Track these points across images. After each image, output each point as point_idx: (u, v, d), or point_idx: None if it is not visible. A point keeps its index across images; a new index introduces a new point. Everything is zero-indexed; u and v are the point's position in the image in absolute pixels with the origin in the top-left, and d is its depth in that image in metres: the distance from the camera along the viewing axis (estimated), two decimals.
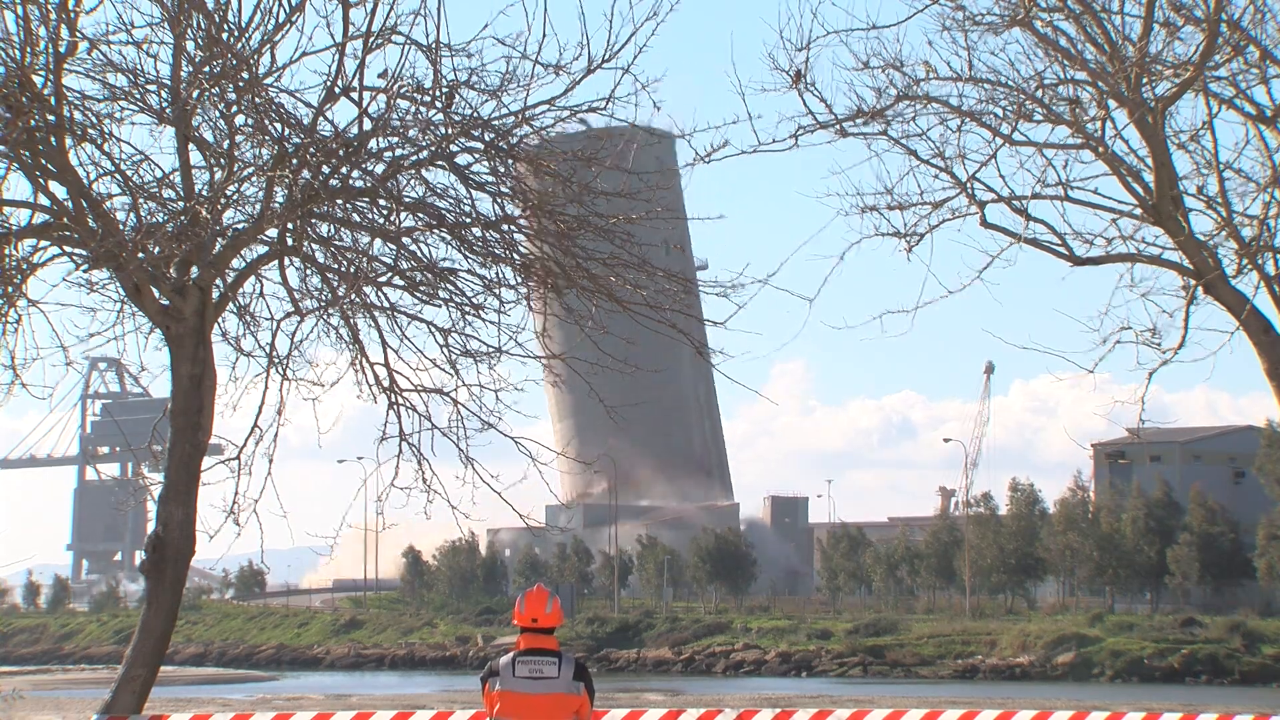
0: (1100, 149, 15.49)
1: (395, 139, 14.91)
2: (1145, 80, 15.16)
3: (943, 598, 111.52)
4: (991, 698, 58.92)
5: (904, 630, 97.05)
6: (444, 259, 15.55)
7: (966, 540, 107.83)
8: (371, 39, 14.45)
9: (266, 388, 15.92)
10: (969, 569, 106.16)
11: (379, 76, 14.54)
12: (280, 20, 14.64)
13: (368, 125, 14.70)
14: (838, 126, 15.53)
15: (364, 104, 14.64)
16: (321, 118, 14.81)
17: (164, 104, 14.72)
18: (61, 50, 14.01)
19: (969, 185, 15.80)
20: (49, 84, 14.08)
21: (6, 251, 14.88)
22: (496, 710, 11.43)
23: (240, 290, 15.83)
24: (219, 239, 15.04)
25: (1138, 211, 15.56)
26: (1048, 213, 15.90)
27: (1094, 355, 15.87)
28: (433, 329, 15.94)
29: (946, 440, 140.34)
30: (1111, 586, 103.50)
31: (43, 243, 15.14)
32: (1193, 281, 15.51)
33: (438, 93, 14.57)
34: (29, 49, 13.77)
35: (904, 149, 15.75)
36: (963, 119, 15.67)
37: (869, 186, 15.89)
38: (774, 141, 15.23)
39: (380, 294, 15.87)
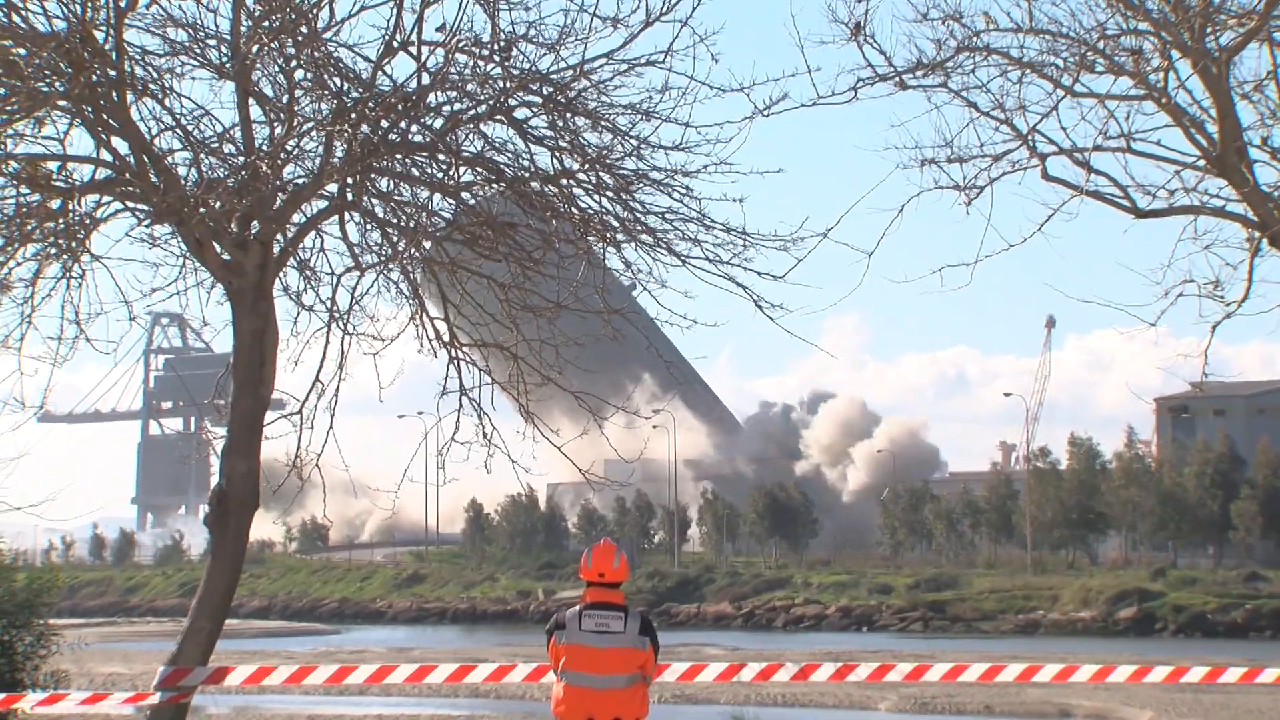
0: (1163, 100, 15.34)
1: (454, 93, 14.91)
2: (1209, 30, 15.00)
3: (1003, 553, 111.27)
4: (1053, 652, 58.83)
5: (965, 585, 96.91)
6: (503, 213, 15.56)
7: (1027, 495, 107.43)
8: None
9: (327, 342, 16.01)
10: (1030, 524, 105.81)
11: (437, 30, 14.54)
12: None
13: (426, 79, 14.70)
14: (897, 79, 15.43)
15: (422, 58, 14.65)
16: (380, 72, 14.83)
17: (224, 59, 14.77)
18: (122, 5, 14.06)
19: (1030, 137, 15.68)
20: (110, 39, 14.14)
21: (70, 207, 14.98)
22: (562, 663, 11.47)
23: (301, 245, 15.90)
24: (279, 194, 15.10)
25: (1201, 163, 15.41)
26: (1110, 165, 15.78)
27: (1155, 309, 15.76)
28: (492, 283, 15.98)
29: (1007, 395, 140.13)
30: (1174, 541, 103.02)
31: (105, 198, 15.24)
32: (1257, 234, 15.37)
33: (496, 46, 14.56)
34: (90, 4, 13.83)
35: (964, 101, 15.64)
36: (1023, 70, 15.54)
37: (928, 139, 15.81)
38: (833, 94, 15.14)
39: (439, 249, 15.92)
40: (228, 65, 14.73)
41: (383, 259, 15.95)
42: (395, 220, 15.67)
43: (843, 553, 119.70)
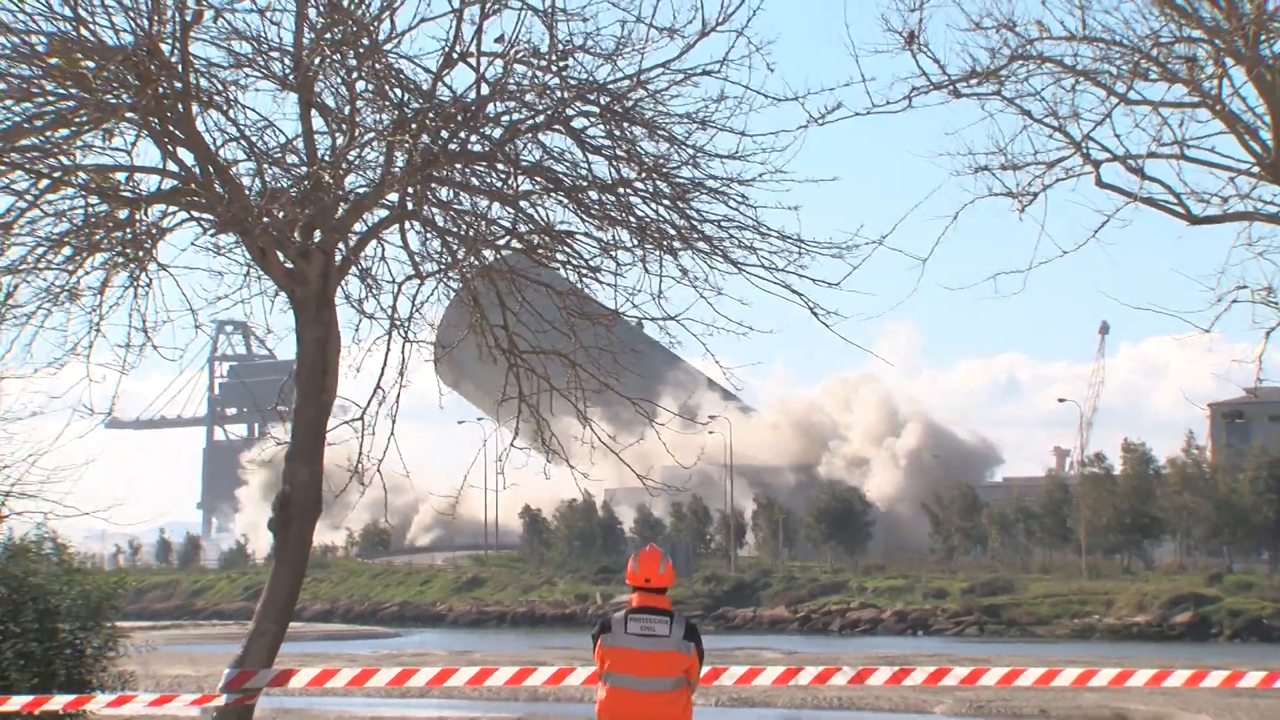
0: (1217, 107, 15.24)
1: (512, 103, 14.96)
2: (1263, 37, 14.90)
3: (1057, 557, 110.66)
4: (1109, 657, 58.43)
5: (1020, 590, 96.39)
6: (561, 222, 15.61)
7: (1082, 500, 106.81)
8: (488, 4, 14.50)
9: (388, 349, 16.08)
10: (1085, 528, 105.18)
11: (495, 41, 14.59)
12: None
13: (485, 90, 14.75)
14: (951, 87, 15.40)
15: (481, 69, 14.69)
16: (440, 83, 14.89)
17: (287, 71, 14.85)
18: (188, 19, 14.16)
19: (1084, 145, 15.62)
20: (176, 52, 14.24)
21: (137, 217, 15.10)
22: (606, 666, 11.48)
23: (362, 254, 15.98)
24: (341, 203, 15.18)
25: (1255, 170, 15.31)
26: (1164, 172, 15.71)
27: (1209, 315, 15.67)
28: (550, 291, 16.01)
29: (1061, 400, 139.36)
30: (1229, 546, 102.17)
31: (171, 208, 15.35)
32: None
33: (553, 57, 14.59)
34: (156, 18, 13.94)
35: (1017, 109, 15.60)
36: (1077, 78, 15.48)
37: (982, 147, 15.79)
38: (887, 103, 15.13)
39: (499, 257, 15.96)
40: (291, 77, 14.81)
41: (443, 267, 16.00)
42: (455, 229, 15.73)
43: (897, 557, 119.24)
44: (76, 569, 24.41)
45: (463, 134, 15.01)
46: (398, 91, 14.91)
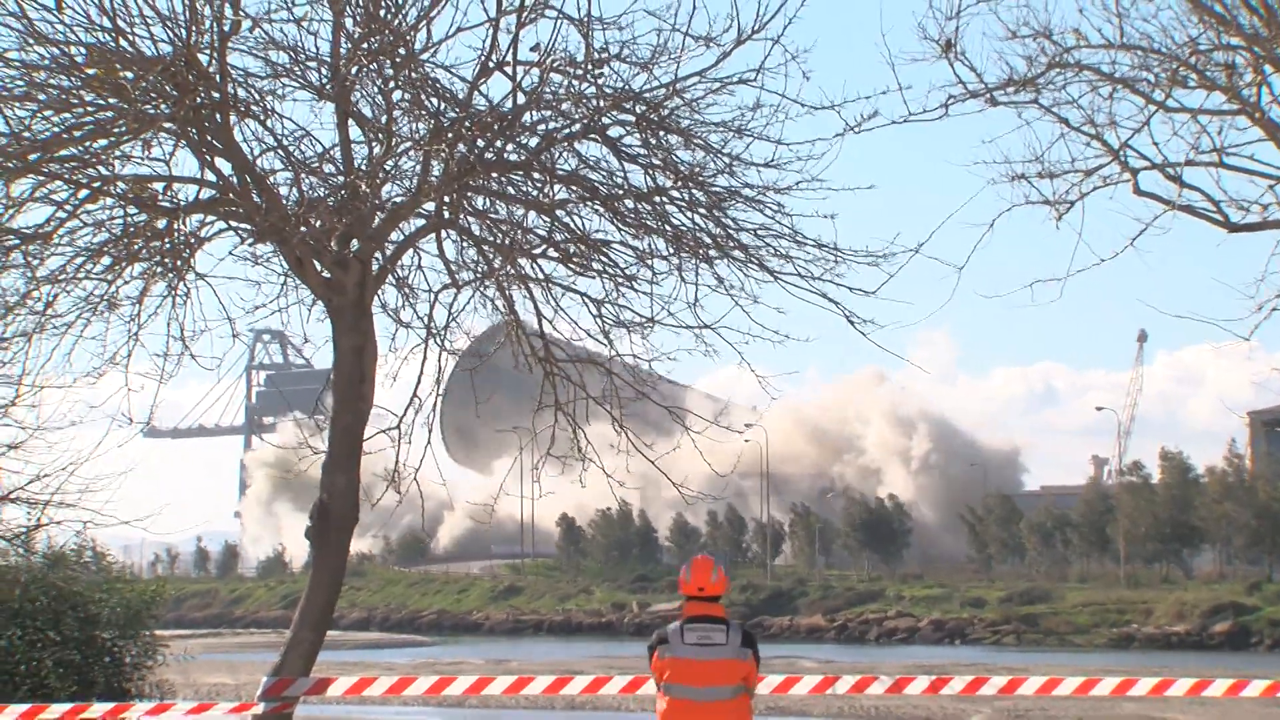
0: (1256, 114, 15.16)
1: (548, 112, 14.95)
2: None
3: (1096, 566, 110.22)
4: (1148, 666, 58.14)
5: (1058, 599, 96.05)
6: (597, 230, 15.60)
7: (1121, 508, 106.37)
8: (524, 13, 14.50)
9: (425, 358, 16.10)
10: (1123, 537, 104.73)
11: (531, 50, 14.58)
12: None
13: (521, 99, 14.76)
14: (988, 95, 15.35)
15: (518, 78, 14.69)
16: (476, 92, 14.90)
17: (324, 80, 14.88)
18: (225, 29, 14.20)
19: (1121, 152, 15.55)
20: (214, 62, 14.29)
21: (175, 227, 15.15)
22: (665, 677, 11.46)
23: (399, 263, 16.00)
24: (378, 212, 15.20)
25: None
26: (1202, 179, 15.62)
27: (1248, 323, 15.56)
28: (586, 300, 16.01)
29: (1099, 409, 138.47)
30: (1269, 555, 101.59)
31: (209, 218, 15.40)
32: None
33: (589, 66, 14.59)
34: (194, 28, 13.99)
35: (1055, 117, 15.53)
36: (1115, 86, 15.41)
37: (1019, 155, 15.71)
38: (924, 111, 15.08)
39: (535, 265, 15.96)
40: (328, 87, 14.85)
41: (479, 276, 16.02)
42: (491, 238, 15.74)
43: (934, 566, 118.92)
44: (116, 577, 24.54)
45: (499, 143, 15.02)
46: (434, 101, 14.93)
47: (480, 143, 14.84)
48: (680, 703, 11.36)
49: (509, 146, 15.12)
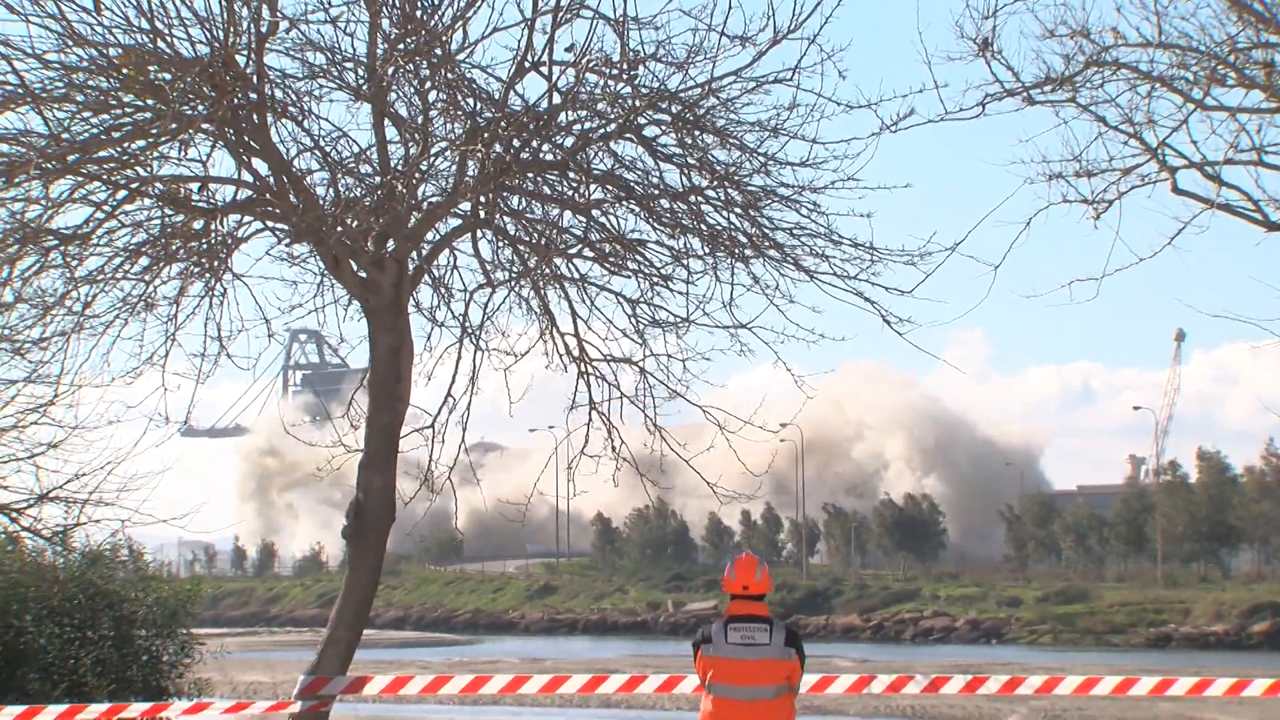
0: None
1: (584, 112, 14.96)
2: None
3: (1133, 566, 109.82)
4: (1186, 666, 57.91)
5: (1095, 598, 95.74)
6: (632, 230, 15.60)
7: (1159, 508, 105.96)
8: (560, 13, 14.51)
9: (459, 357, 16.12)
10: (1161, 537, 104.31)
11: (566, 50, 14.59)
12: None
13: (557, 99, 14.77)
14: (1025, 94, 15.29)
15: (553, 78, 14.71)
16: (512, 92, 14.91)
17: (360, 81, 14.92)
18: (263, 30, 14.24)
19: (1159, 151, 15.48)
20: (251, 63, 14.33)
21: (213, 227, 15.21)
22: (710, 677, 11.47)
23: (435, 263, 16.03)
24: (414, 213, 15.23)
25: None
26: (1241, 178, 15.54)
27: None
28: (621, 299, 16.01)
29: (1137, 408, 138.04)
30: None
31: (246, 218, 15.45)
32: None
33: (625, 66, 14.59)
34: (232, 29, 14.04)
35: (1092, 115, 15.47)
36: (1153, 84, 15.34)
37: (1056, 154, 15.65)
38: (960, 110, 15.03)
39: (570, 265, 15.97)
40: (364, 87, 14.89)
41: (514, 275, 16.04)
42: (527, 237, 15.76)
43: (970, 565, 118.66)
44: (151, 576, 24.64)
45: (535, 143, 15.03)
46: (470, 101, 14.95)
47: (516, 143, 14.86)
48: (724, 701, 11.38)
49: (544, 146, 15.13)
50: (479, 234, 15.88)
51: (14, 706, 16.08)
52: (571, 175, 15.20)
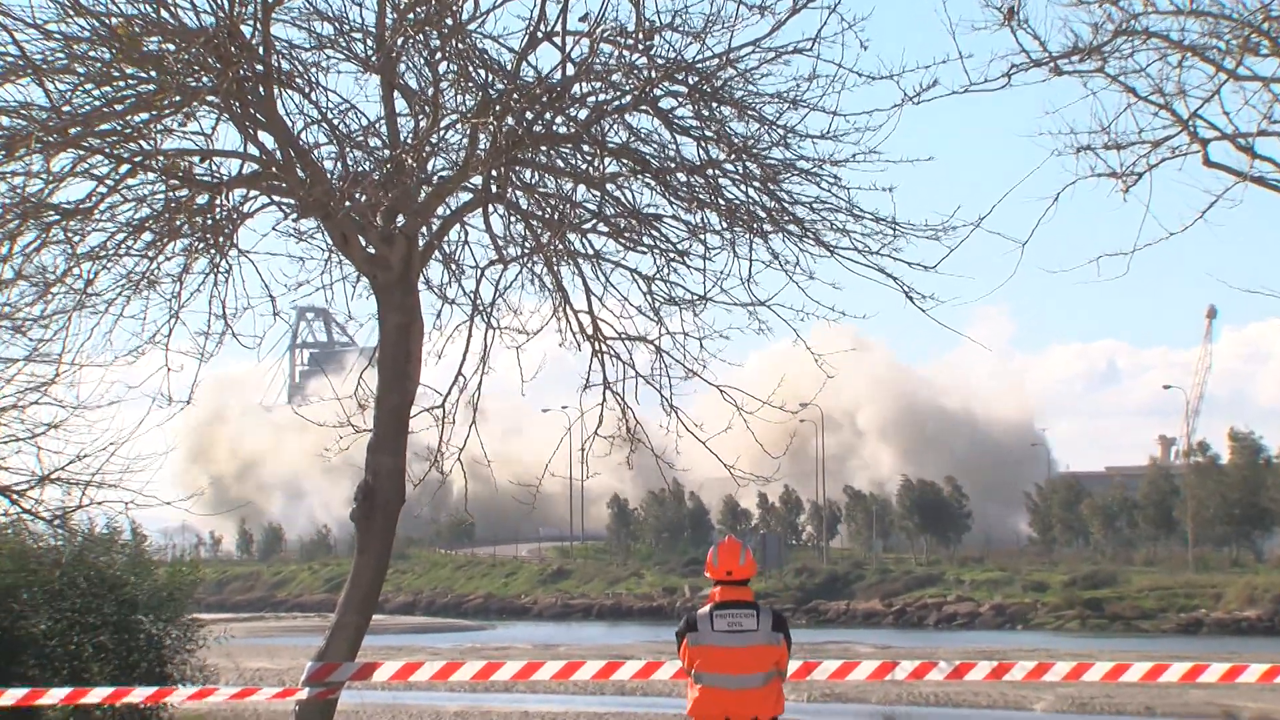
0: None
1: (598, 84, 14.96)
2: None
3: (1163, 549, 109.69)
4: (1218, 652, 57.89)
5: (1123, 583, 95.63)
6: (648, 205, 15.60)
7: (1189, 490, 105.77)
8: None
9: (470, 335, 16.14)
10: (1192, 519, 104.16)
11: (580, 20, 14.58)
12: None
13: (570, 70, 14.77)
14: (1052, 64, 15.25)
15: (566, 49, 14.70)
16: (524, 63, 14.92)
17: (369, 52, 14.93)
18: (269, 0, 14.27)
19: (1191, 123, 15.44)
20: (257, 34, 14.34)
21: (218, 202, 15.22)
22: (696, 665, 11.46)
23: (445, 238, 16.05)
24: (424, 187, 15.25)
25: None
26: (1274, 149, 15.47)
27: None
28: (636, 276, 16.01)
29: (1167, 387, 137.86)
30: None
31: (252, 192, 15.46)
32: None
33: (640, 36, 14.58)
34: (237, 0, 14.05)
35: (1122, 86, 15.42)
36: (1184, 54, 15.30)
37: (1084, 125, 15.60)
38: (985, 81, 15.00)
39: (584, 241, 15.98)
40: (373, 58, 14.89)
41: (527, 251, 16.05)
42: (539, 212, 15.77)
43: (995, 549, 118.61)
44: (152, 560, 24.72)
45: (547, 115, 15.03)
46: (481, 72, 14.95)
47: (528, 115, 14.86)
48: (712, 690, 11.37)
49: (558, 119, 15.13)
50: (490, 209, 15.89)
51: (16, 689, 16.17)
52: (585, 148, 15.21)
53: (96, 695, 16.74)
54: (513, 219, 15.98)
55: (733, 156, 15.19)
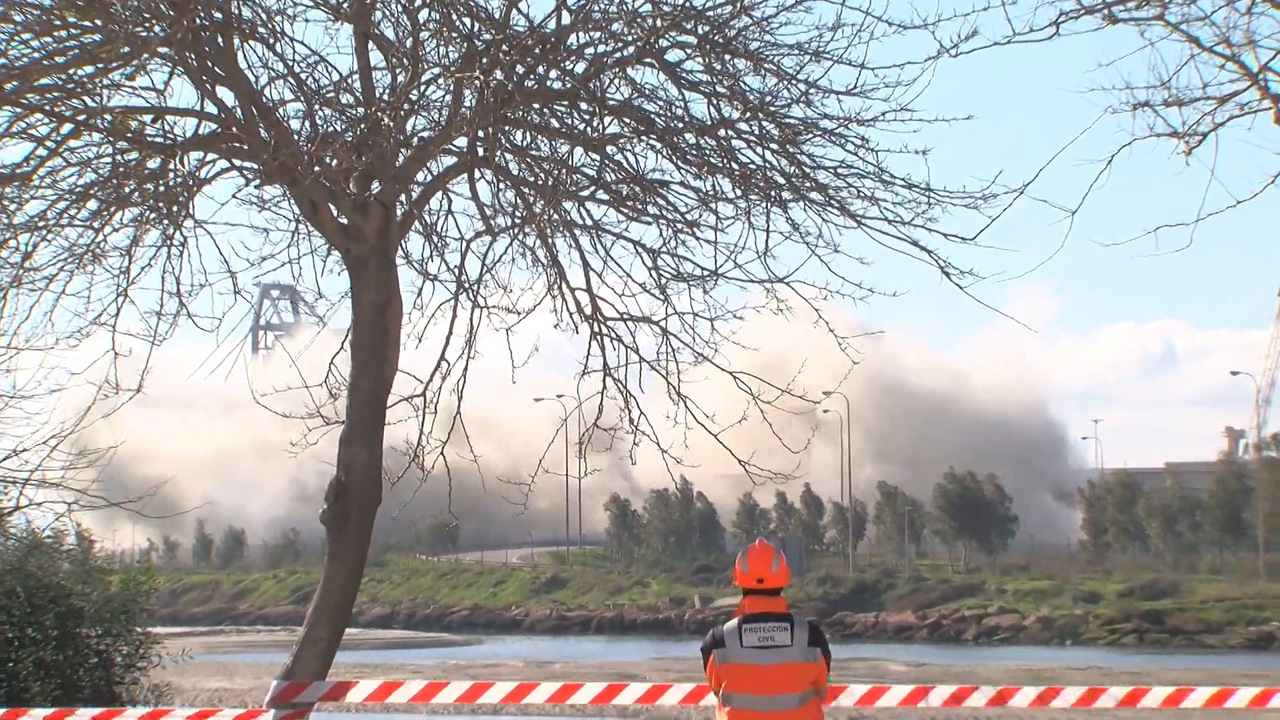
0: None
1: (597, 34, 14.97)
2: None
3: (1230, 555, 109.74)
4: None
5: (1186, 593, 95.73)
6: (653, 169, 15.61)
7: (1259, 488, 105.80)
8: None
9: (454, 316, 16.15)
10: (1263, 521, 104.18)
11: None
12: None
13: (566, 19, 14.77)
14: (1105, 11, 15.23)
15: None
16: (515, 10, 14.92)
17: None
18: None
19: (1261, 76, 15.42)
20: None
21: (171, 166, 15.22)
22: (724, 686, 11.43)
23: (426, 207, 16.06)
24: (402, 149, 15.25)
25: None
26: None
27: None
28: (640, 249, 16.03)
29: (1234, 373, 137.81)
30: None
31: (209, 156, 15.47)
32: None
33: None
34: None
35: (1184, 35, 15.40)
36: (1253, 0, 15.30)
37: (1141, 80, 15.58)
38: (1030, 30, 14.99)
39: (581, 210, 15.99)
40: (345, 5, 14.89)
41: (517, 222, 16.06)
42: (531, 178, 15.78)
43: (1041, 555, 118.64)
44: (98, 567, 24.75)
45: (541, 69, 15.04)
46: (466, 21, 14.96)
47: (519, 69, 14.86)
48: (742, 714, 11.33)
49: (552, 73, 15.14)
50: (477, 174, 15.90)
51: None
52: (583, 106, 15.22)
53: (36, 717, 16.77)
54: (502, 185, 15.99)
55: (747, 115, 15.20)
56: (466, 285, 16.16)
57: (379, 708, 30.44)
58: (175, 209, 15.45)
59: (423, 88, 15.19)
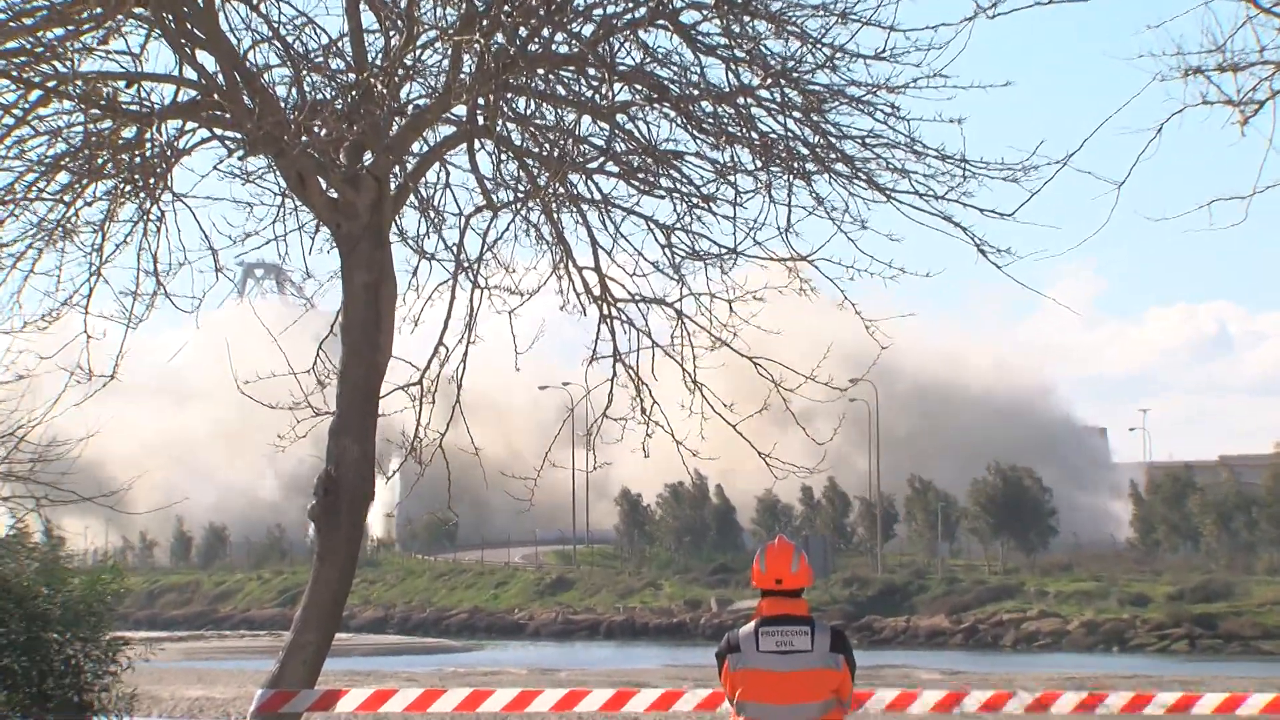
0: None
1: None
2: None
3: None
4: None
5: (1241, 595, 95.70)
6: (666, 139, 15.63)
7: None
8: None
9: (453, 297, 16.17)
10: None
11: None
12: None
13: None
14: None
15: None
16: None
17: None
18: None
19: None
20: None
21: (148, 136, 15.23)
22: (739, 694, 11.45)
23: (422, 180, 16.07)
24: (397, 118, 15.26)
25: None
26: None
27: None
28: (653, 225, 16.04)
29: None
30: None
31: (189, 125, 15.48)
32: None
33: None
34: None
35: None
36: None
37: (1194, 44, 15.60)
38: None
39: (589, 183, 16.00)
40: None
41: (521, 196, 16.07)
42: (536, 149, 15.79)
43: (1085, 554, 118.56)
44: (62, 567, 24.74)
45: (546, 32, 15.04)
46: None
47: (522, 31, 14.87)
48: None
49: (558, 36, 15.15)
50: (477, 145, 15.91)
51: None
52: (591, 72, 15.22)
53: None
54: (504, 157, 16.00)
55: (768, 81, 15.20)
56: (466, 264, 16.19)
57: (371, 717, 30.49)
58: (152, 182, 15.47)
59: (419, 51, 15.21)
